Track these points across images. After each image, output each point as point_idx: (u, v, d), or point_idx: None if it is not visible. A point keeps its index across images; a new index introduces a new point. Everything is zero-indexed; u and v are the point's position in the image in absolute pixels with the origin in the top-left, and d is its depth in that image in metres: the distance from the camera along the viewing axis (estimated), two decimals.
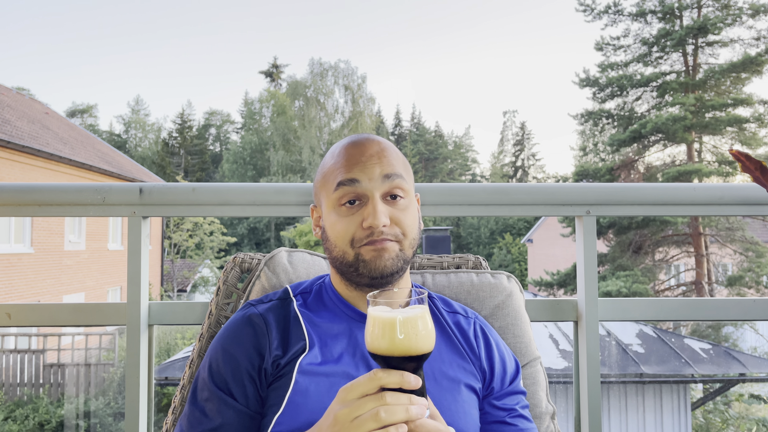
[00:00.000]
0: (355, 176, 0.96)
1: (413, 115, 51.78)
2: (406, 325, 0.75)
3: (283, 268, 1.24)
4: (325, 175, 1.01)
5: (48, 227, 13.34)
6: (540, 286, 16.66)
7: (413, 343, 0.75)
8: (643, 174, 16.90)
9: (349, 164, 0.97)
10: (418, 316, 0.76)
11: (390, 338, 0.75)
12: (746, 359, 7.74)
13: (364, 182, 0.95)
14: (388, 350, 0.75)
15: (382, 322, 0.76)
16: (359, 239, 0.95)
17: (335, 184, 0.97)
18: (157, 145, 45.04)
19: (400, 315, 0.76)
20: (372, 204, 0.95)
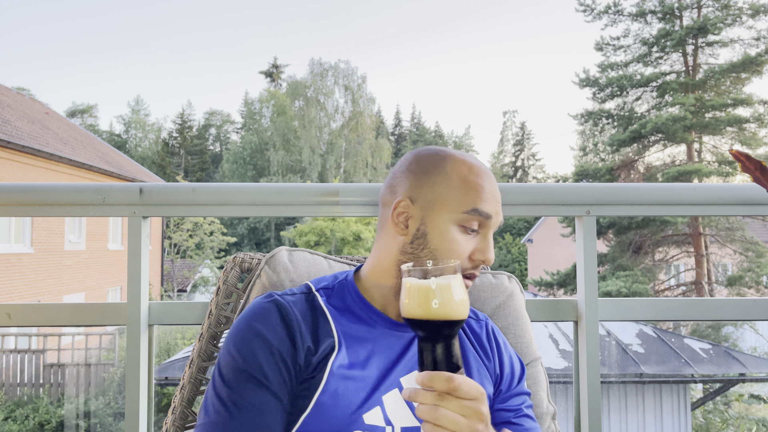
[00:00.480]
0: (490, 213, 0.97)
1: (413, 115, 51.81)
2: (441, 292, 0.78)
3: (284, 266, 1.24)
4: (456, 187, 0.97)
5: (48, 227, 13.34)
6: (540, 286, 16.66)
7: (449, 309, 0.78)
8: (643, 174, 16.89)
9: (488, 198, 0.98)
10: (452, 283, 0.79)
11: (426, 305, 0.78)
12: (746, 359, 7.74)
13: (492, 221, 0.98)
14: (424, 315, 0.78)
15: (418, 289, 0.79)
16: (464, 268, 0.97)
17: (470, 207, 0.96)
18: (157, 145, 45.05)
19: (434, 282, 0.79)
20: (488, 241, 0.98)
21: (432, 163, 1.00)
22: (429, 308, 0.78)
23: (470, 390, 0.76)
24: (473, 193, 0.97)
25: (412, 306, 0.79)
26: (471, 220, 0.96)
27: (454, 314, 0.78)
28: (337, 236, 19.37)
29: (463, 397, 0.76)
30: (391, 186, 1.03)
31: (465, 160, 1.00)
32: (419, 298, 0.79)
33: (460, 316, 0.79)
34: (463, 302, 0.80)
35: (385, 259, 1.00)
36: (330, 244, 19.41)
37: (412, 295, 0.79)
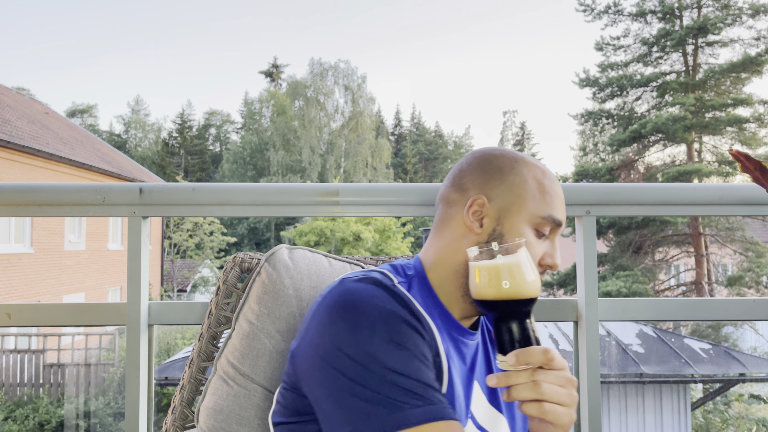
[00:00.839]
0: (562, 220, 0.99)
1: (413, 115, 51.83)
2: (511, 271, 0.78)
3: (284, 264, 1.24)
4: (535, 192, 0.96)
5: (48, 227, 13.35)
6: None
7: (521, 287, 0.78)
8: (643, 174, 16.90)
9: (561, 205, 1.00)
10: (521, 261, 0.79)
11: (497, 285, 0.78)
12: (746, 359, 7.74)
13: (562, 228, 1.00)
14: (496, 296, 0.78)
15: (488, 270, 0.79)
16: None
17: (547, 213, 0.96)
18: (157, 145, 45.05)
19: (502, 260, 0.79)
20: (555, 245, 0.99)
21: (507, 164, 0.99)
22: (500, 288, 0.78)
23: (561, 360, 0.77)
24: (549, 198, 0.97)
25: (483, 287, 0.79)
26: (545, 225, 0.96)
27: (526, 292, 0.78)
28: (337, 236, 19.37)
29: (557, 367, 0.76)
30: (458, 185, 1.00)
31: (538, 165, 1.01)
32: (490, 279, 0.79)
33: (533, 293, 0.79)
34: (535, 281, 0.80)
35: (452, 259, 0.95)
36: (330, 244, 19.41)
37: (483, 277, 0.80)
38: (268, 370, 1.09)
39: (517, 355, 0.76)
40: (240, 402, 1.08)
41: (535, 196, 0.96)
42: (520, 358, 0.75)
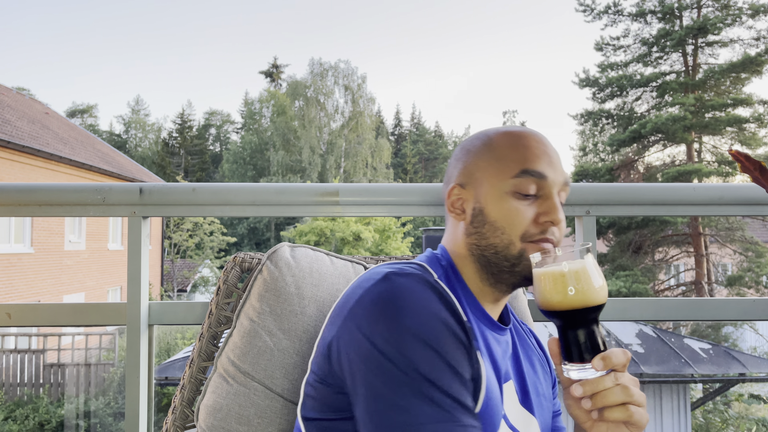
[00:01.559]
0: (542, 170, 0.91)
1: (413, 115, 51.82)
2: (576, 277, 0.76)
3: (286, 262, 1.24)
4: (498, 157, 0.94)
5: (48, 227, 13.34)
6: None
7: (587, 295, 0.75)
8: (642, 174, 16.90)
9: (536, 156, 0.92)
10: (587, 267, 0.77)
11: (562, 293, 0.75)
12: (746, 359, 7.73)
13: (550, 178, 0.91)
14: (560, 305, 0.76)
15: (552, 277, 0.76)
16: (531, 234, 0.90)
17: (518, 170, 0.91)
18: (157, 145, 45.05)
19: (566, 267, 0.76)
20: (553, 200, 0.91)
21: (475, 143, 0.97)
22: (566, 296, 0.75)
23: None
24: (518, 155, 0.92)
25: (548, 295, 0.77)
26: (524, 184, 0.90)
27: (593, 299, 0.76)
28: (337, 236, 19.37)
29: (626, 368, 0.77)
30: (446, 179, 1.01)
31: (508, 129, 0.97)
32: (555, 287, 0.76)
33: (601, 300, 0.77)
34: (602, 287, 0.77)
35: (457, 250, 0.95)
36: (330, 244, 19.41)
37: (547, 284, 0.77)
38: (269, 367, 1.09)
39: (604, 359, 0.74)
40: (240, 400, 1.08)
41: (502, 159, 0.93)
42: (606, 363, 0.74)
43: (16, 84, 41.79)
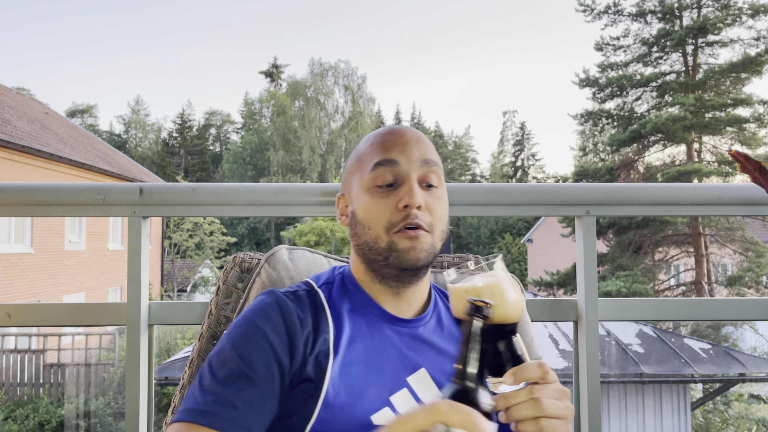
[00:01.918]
0: (393, 157, 0.94)
1: (413, 115, 51.80)
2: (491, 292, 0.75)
3: (284, 264, 1.24)
4: (359, 158, 1.00)
5: (48, 227, 13.34)
6: (540, 286, 16.66)
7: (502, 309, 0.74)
8: (642, 174, 16.90)
9: (387, 145, 0.96)
10: (500, 282, 0.76)
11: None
12: (746, 359, 7.73)
13: (403, 163, 0.94)
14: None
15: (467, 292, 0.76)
16: (394, 223, 0.92)
17: (372, 165, 0.95)
18: (157, 145, 45.05)
19: (481, 282, 0.76)
20: (409, 184, 0.93)
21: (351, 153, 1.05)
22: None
23: (553, 373, 0.76)
24: (372, 150, 0.97)
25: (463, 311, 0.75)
26: (379, 176, 0.94)
27: (510, 313, 0.75)
28: (337, 236, 19.38)
29: (551, 380, 0.75)
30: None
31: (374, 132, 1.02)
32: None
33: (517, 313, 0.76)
34: (518, 300, 0.77)
35: (352, 254, 1.02)
36: (330, 244, 19.41)
37: (462, 300, 0.76)
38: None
39: (515, 374, 0.74)
40: None
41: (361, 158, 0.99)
42: (517, 377, 0.74)
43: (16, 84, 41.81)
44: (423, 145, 0.97)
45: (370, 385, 0.90)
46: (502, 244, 34.43)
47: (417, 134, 0.99)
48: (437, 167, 0.97)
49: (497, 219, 35.49)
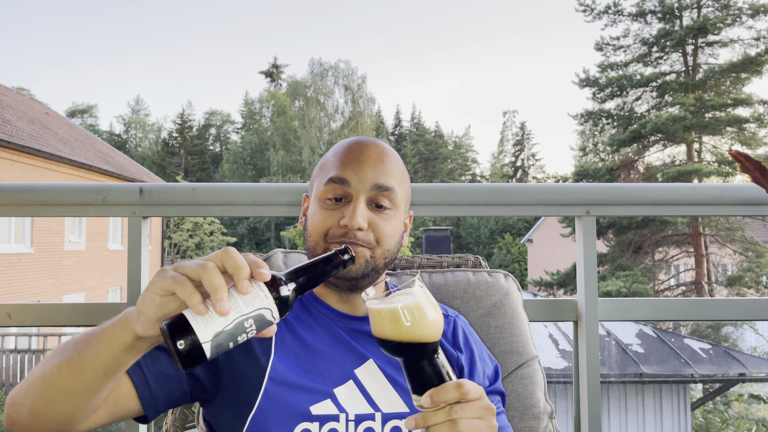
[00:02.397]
0: (345, 176, 0.97)
1: (413, 115, 51.79)
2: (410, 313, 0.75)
3: (278, 267, 1.25)
4: (323, 166, 1.04)
5: (48, 227, 13.34)
6: (540, 286, 16.66)
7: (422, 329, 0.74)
8: (643, 174, 16.90)
9: (344, 163, 0.98)
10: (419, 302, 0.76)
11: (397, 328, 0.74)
12: (746, 359, 7.74)
13: (354, 184, 0.97)
14: (395, 338, 0.74)
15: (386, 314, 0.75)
16: (333, 235, 0.96)
17: (326, 178, 0.99)
18: (157, 145, 45.03)
19: (399, 303, 0.75)
20: (353, 204, 0.96)
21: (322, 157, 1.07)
22: (400, 332, 0.74)
23: (476, 389, 0.76)
24: (333, 163, 1.00)
25: (383, 332, 0.75)
26: (330, 191, 0.98)
27: (428, 333, 0.75)
28: None
29: (473, 398, 0.75)
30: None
31: (342, 142, 1.04)
32: (390, 323, 0.75)
33: (436, 333, 0.76)
34: (437, 319, 0.76)
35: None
36: None
37: (382, 322, 0.75)
38: None
39: (431, 396, 0.74)
40: None
41: (323, 168, 1.03)
42: (434, 399, 0.74)
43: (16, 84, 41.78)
44: (381, 166, 0.99)
45: (311, 377, 0.93)
46: (502, 244, 34.43)
47: (379, 153, 1.00)
48: (390, 192, 0.98)
49: (497, 219, 35.49)
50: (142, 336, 0.71)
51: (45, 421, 0.80)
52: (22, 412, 0.81)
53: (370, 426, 0.92)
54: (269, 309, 0.70)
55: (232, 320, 0.68)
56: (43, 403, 0.78)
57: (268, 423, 0.89)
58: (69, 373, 0.76)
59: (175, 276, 0.68)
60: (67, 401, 0.78)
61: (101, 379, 0.76)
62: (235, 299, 0.68)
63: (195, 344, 0.66)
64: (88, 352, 0.75)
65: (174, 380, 0.90)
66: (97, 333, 0.75)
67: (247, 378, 0.92)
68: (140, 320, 0.70)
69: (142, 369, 0.88)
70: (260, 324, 0.70)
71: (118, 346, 0.73)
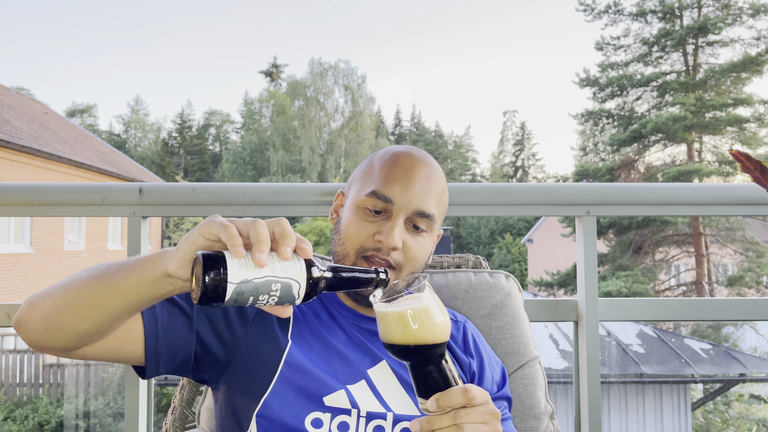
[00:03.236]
0: (391, 196, 0.96)
1: (413, 115, 51.79)
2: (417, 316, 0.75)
3: None
4: (368, 170, 1.02)
5: (48, 227, 13.34)
6: (540, 286, 16.65)
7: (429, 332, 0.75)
8: (643, 174, 16.90)
9: (391, 179, 0.98)
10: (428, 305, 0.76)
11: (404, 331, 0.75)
12: (746, 359, 7.74)
13: (397, 204, 0.96)
14: (402, 341, 0.75)
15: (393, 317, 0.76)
16: (366, 248, 0.96)
17: (370, 189, 0.98)
18: (157, 145, 45.02)
19: (407, 306, 0.75)
20: (393, 223, 0.95)
21: (366, 159, 1.06)
22: (407, 335, 0.74)
23: (482, 394, 0.76)
24: (377, 176, 0.99)
25: (390, 335, 0.76)
26: (371, 203, 0.97)
27: (436, 337, 0.75)
28: None
29: (479, 404, 0.75)
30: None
31: (392, 150, 1.03)
32: (397, 326, 0.75)
33: (443, 337, 0.76)
34: (444, 323, 0.76)
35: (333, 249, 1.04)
36: (330, 245, 19.42)
37: (388, 324, 0.76)
38: None
39: (437, 400, 0.74)
40: None
41: (369, 174, 1.01)
42: (440, 403, 0.74)
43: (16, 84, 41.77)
44: (427, 190, 0.99)
45: (326, 370, 0.94)
46: (502, 244, 34.42)
47: (428, 175, 1.00)
48: (430, 220, 0.99)
49: (497, 219, 35.48)
50: (171, 274, 0.72)
51: (53, 330, 0.80)
52: (36, 314, 0.81)
53: (380, 425, 0.92)
54: (299, 283, 0.71)
55: (263, 276, 0.69)
56: (59, 310, 0.79)
57: (281, 408, 0.89)
58: (93, 289, 0.78)
59: (224, 222, 0.70)
60: (81, 316, 0.79)
61: (119, 306, 0.78)
62: (273, 260, 0.70)
63: (221, 280, 0.66)
64: (118, 274, 0.77)
65: (181, 341, 0.91)
66: (132, 261, 0.78)
67: (265, 354, 0.93)
68: (175, 257, 0.72)
69: (157, 322, 0.89)
70: (284, 293, 0.71)
71: (145, 277, 0.75)
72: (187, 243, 0.72)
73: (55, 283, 0.83)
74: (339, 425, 0.90)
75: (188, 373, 0.94)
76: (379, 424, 0.92)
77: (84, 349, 0.83)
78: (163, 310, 0.90)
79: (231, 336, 0.94)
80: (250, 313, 0.96)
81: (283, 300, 0.72)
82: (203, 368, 0.94)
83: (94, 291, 0.78)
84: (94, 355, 0.86)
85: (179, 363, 0.92)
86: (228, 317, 0.95)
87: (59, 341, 0.81)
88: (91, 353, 0.85)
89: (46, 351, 0.84)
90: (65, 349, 0.83)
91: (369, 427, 0.91)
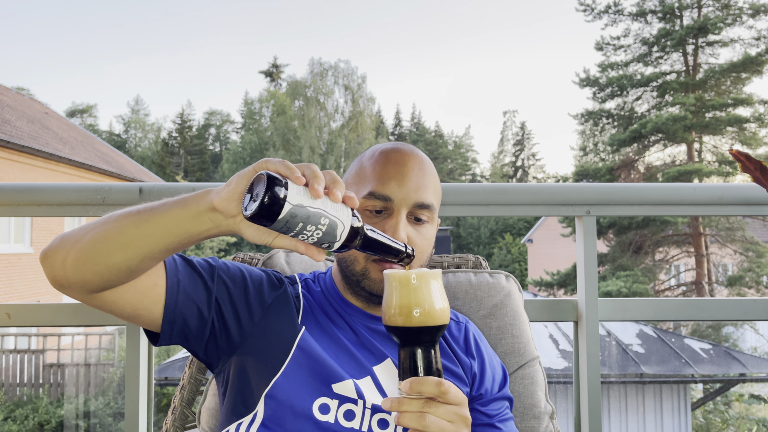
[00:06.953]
0: (389, 194, 0.96)
1: (413, 115, 51.79)
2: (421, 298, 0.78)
3: (281, 267, 1.26)
4: (359, 173, 1.02)
5: (48, 227, 13.34)
6: (540, 286, 16.65)
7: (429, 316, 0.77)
8: (643, 174, 16.90)
9: (385, 177, 0.98)
10: (432, 290, 0.79)
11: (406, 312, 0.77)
12: (746, 359, 7.74)
13: (396, 200, 0.97)
14: (404, 323, 0.77)
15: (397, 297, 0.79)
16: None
17: (366, 191, 0.98)
18: (157, 145, 45.01)
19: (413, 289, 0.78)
20: (396, 218, 0.96)
21: (352, 163, 1.06)
22: (410, 316, 0.77)
23: (457, 394, 0.76)
24: (370, 177, 0.99)
25: (391, 314, 0.79)
26: (371, 204, 0.97)
27: (434, 321, 0.77)
28: None
29: (450, 402, 0.76)
30: None
31: (379, 149, 1.03)
32: (399, 307, 0.78)
33: (441, 321, 0.78)
34: (444, 309, 0.79)
35: (335, 258, 1.05)
36: None
37: (392, 304, 0.79)
38: None
39: (411, 383, 0.75)
40: None
41: (361, 176, 1.01)
42: (413, 386, 0.75)
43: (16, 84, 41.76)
44: (422, 181, 0.99)
45: (335, 359, 0.95)
46: (502, 244, 34.41)
47: (420, 166, 1.01)
48: (429, 210, 1.00)
49: (497, 219, 35.47)
50: (216, 207, 0.74)
51: (83, 260, 0.79)
52: (67, 245, 0.81)
53: (385, 418, 0.93)
54: (344, 225, 0.75)
55: (316, 207, 0.73)
56: (96, 238, 0.79)
57: (291, 390, 0.90)
58: (133, 220, 0.79)
59: (282, 161, 0.73)
60: (116, 247, 0.79)
61: (155, 240, 0.78)
62: (325, 198, 0.74)
63: (281, 198, 0.69)
64: (161, 208, 0.79)
65: (195, 306, 0.91)
66: (175, 198, 0.80)
67: (280, 337, 0.95)
68: (224, 191, 0.74)
69: (179, 285, 0.89)
70: (329, 230, 0.74)
71: (188, 210, 0.77)
72: (240, 177, 0.74)
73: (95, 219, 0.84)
74: (345, 413, 0.91)
75: (200, 345, 0.94)
76: (384, 418, 0.93)
77: (105, 294, 0.82)
78: (186, 277, 0.91)
79: (248, 315, 0.95)
80: (268, 297, 0.98)
81: (326, 238, 0.75)
82: (215, 344, 0.94)
83: (134, 221, 0.78)
84: (113, 304, 0.85)
85: (194, 332, 0.91)
86: (248, 296, 0.96)
87: (86, 274, 0.80)
88: (111, 301, 0.84)
89: (68, 289, 0.82)
90: (88, 288, 0.81)
91: (374, 419, 0.92)
